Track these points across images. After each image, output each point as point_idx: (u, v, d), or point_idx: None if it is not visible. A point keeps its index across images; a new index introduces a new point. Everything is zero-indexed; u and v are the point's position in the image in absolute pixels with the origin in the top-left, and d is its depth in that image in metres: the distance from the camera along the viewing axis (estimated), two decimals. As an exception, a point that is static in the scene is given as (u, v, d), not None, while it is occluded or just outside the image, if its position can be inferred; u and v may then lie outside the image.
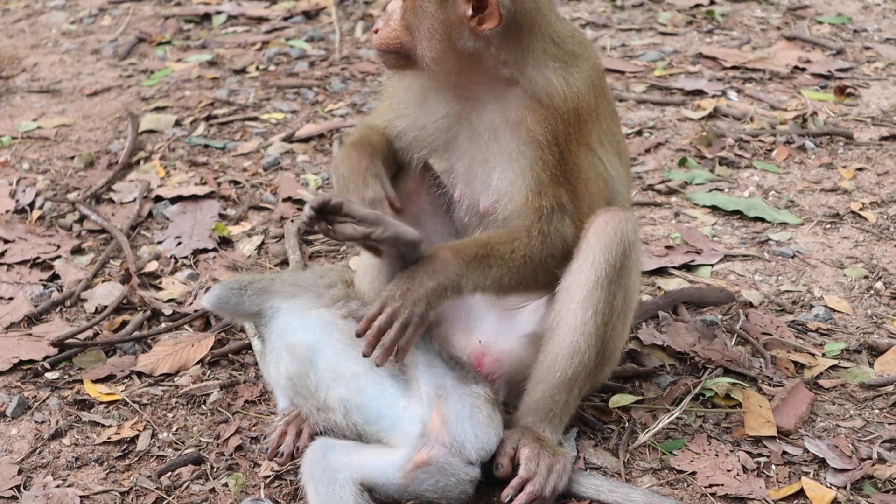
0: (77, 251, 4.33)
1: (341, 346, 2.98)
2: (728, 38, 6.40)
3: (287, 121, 5.46)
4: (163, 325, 3.81)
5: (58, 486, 3.03)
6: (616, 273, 2.89)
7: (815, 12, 6.77)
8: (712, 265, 4.11)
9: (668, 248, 4.20)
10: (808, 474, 3.00)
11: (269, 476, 3.04)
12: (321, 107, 5.62)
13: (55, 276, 4.16)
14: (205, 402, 3.39)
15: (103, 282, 4.07)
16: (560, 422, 3.03)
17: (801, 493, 2.93)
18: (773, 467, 3.04)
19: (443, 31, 2.87)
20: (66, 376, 3.54)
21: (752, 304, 3.83)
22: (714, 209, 4.51)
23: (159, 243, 4.36)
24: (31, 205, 4.69)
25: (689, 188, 4.69)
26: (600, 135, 3.03)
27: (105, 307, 3.91)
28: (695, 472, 3.01)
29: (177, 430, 3.28)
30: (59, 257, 4.26)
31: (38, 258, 4.26)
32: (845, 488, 2.94)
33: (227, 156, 5.11)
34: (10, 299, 4.00)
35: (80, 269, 4.18)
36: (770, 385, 3.38)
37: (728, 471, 3.01)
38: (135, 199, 4.68)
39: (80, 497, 2.99)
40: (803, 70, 5.89)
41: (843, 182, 4.69)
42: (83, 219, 4.57)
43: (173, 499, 2.98)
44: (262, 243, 4.34)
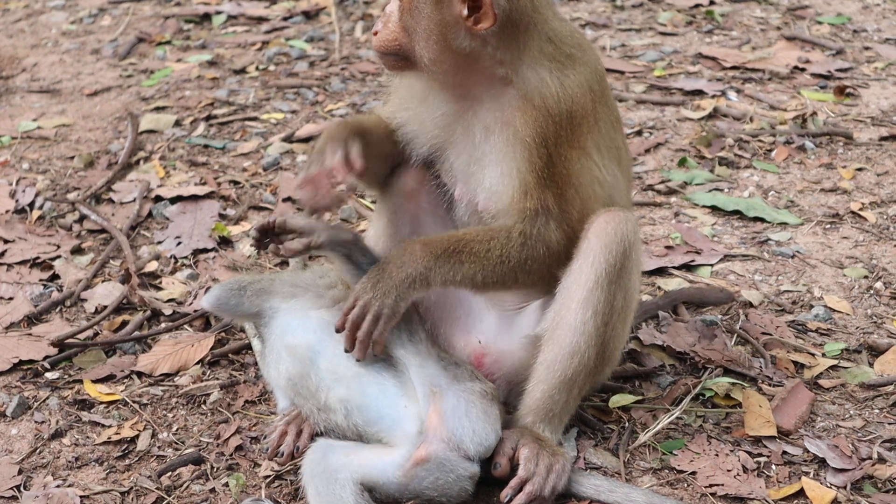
0: (77, 251, 4.33)
1: (342, 346, 2.97)
2: (728, 39, 6.40)
3: (287, 121, 5.46)
4: (163, 325, 3.81)
5: (58, 486, 3.03)
6: (616, 273, 2.89)
7: (814, 12, 6.77)
8: (712, 265, 4.11)
9: (668, 248, 4.20)
10: (808, 474, 3.00)
11: (270, 476, 3.04)
12: (321, 107, 5.62)
13: (55, 276, 4.16)
14: (205, 402, 3.39)
15: (103, 282, 4.07)
16: (560, 422, 3.03)
17: (801, 493, 2.93)
18: (773, 467, 3.04)
19: (439, 31, 2.87)
20: (66, 376, 3.54)
21: (751, 304, 3.83)
22: (714, 209, 4.51)
23: (159, 243, 4.36)
24: (31, 205, 4.69)
25: (688, 188, 4.68)
26: (598, 140, 3.02)
27: (105, 307, 3.91)
28: (695, 472, 3.01)
29: (177, 430, 3.27)
30: (58, 257, 4.26)
31: (37, 258, 4.26)
32: (845, 488, 2.94)
33: (226, 156, 5.10)
34: (10, 299, 4.00)
35: (80, 269, 4.17)
36: (770, 385, 3.38)
37: (728, 471, 3.01)
38: (135, 199, 4.68)
39: (80, 497, 2.98)
40: (803, 70, 5.89)
41: (843, 182, 4.69)
42: (83, 219, 4.57)
43: (173, 499, 2.98)
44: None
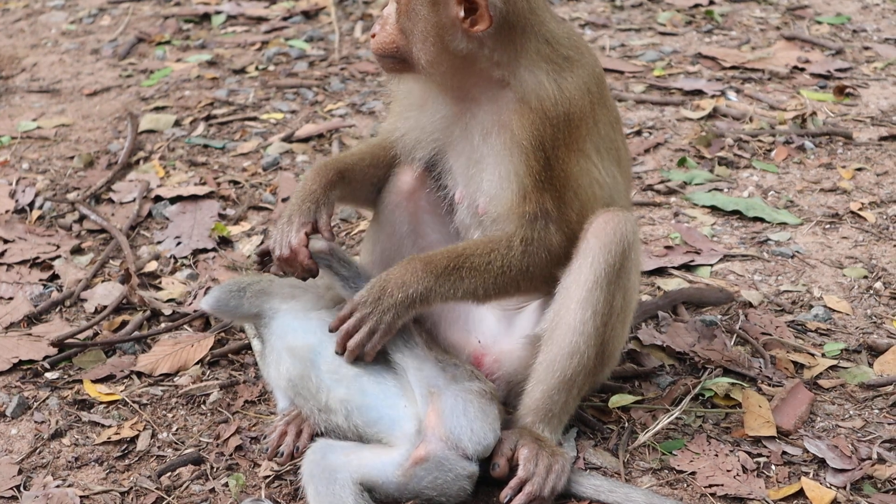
0: (77, 251, 4.33)
1: (341, 347, 2.98)
2: (727, 38, 6.40)
3: (286, 121, 5.46)
4: (162, 325, 3.81)
5: (58, 486, 3.03)
6: (615, 273, 2.89)
7: (814, 12, 6.77)
8: (711, 265, 4.11)
9: (668, 248, 4.20)
10: (807, 474, 3.00)
11: (269, 476, 3.04)
12: (320, 107, 5.62)
13: (55, 276, 4.16)
14: (204, 402, 3.39)
15: (103, 282, 4.07)
16: (559, 422, 3.03)
17: (800, 494, 2.93)
18: (773, 467, 3.04)
19: (436, 33, 2.87)
20: (65, 376, 3.54)
21: (751, 304, 3.83)
22: (713, 209, 4.51)
23: (159, 243, 4.36)
24: (31, 205, 4.69)
25: (688, 188, 4.68)
26: (597, 141, 3.02)
27: (105, 307, 3.91)
28: (694, 473, 3.01)
29: (177, 430, 3.27)
30: (58, 257, 4.26)
31: (37, 258, 4.26)
32: (845, 488, 2.94)
33: (226, 156, 5.10)
34: (10, 299, 4.00)
35: (80, 269, 4.17)
36: (769, 385, 3.38)
37: (728, 471, 3.01)
38: (134, 199, 4.68)
39: (80, 497, 2.99)
40: (802, 70, 5.89)
41: (843, 182, 4.69)
42: (83, 219, 4.57)
43: (173, 499, 2.98)
44: (262, 243, 4.33)
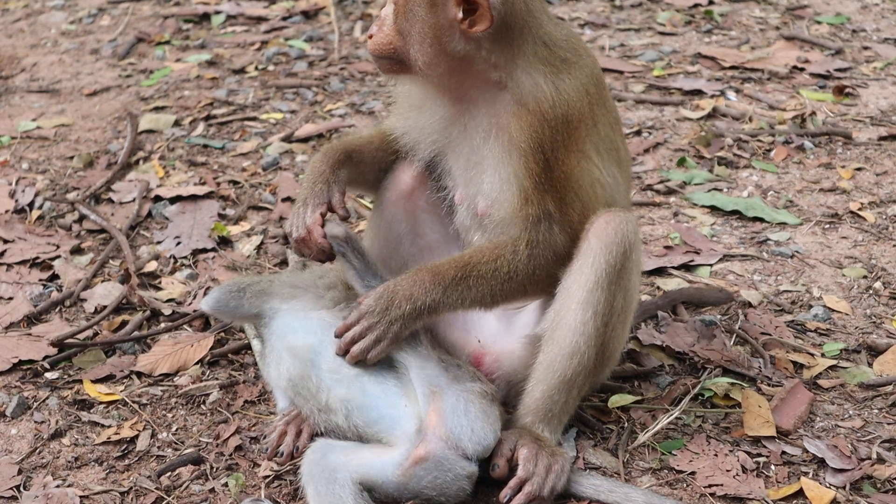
0: (76, 251, 4.33)
1: (341, 347, 2.98)
2: (727, 38, 6.40)
3: (286, 121, 5.46)
4: (162, 325, 3.81)
5: (57, 486, 3.03)
6: (616, 274, 2.89)
7: (813, 12, 6.77)
8: (711, 265, 4.11)
9: (667, 248, 4.20)
10: (807, 474, 3.00)
11: (269, 476, 3.04)
12: (320, 107, 5.62)
13: (55, 276, 4.16)
14: (204, 402, 3.39)
15: (103, 282, 4.07)
16: (559, 422, 3.03)
17: (800, 493, 2.93)
18: (773, 467, 3.05)
19: (433, 34, 2.87)
20: (65, 376, 3.54)
21: (751, 304, 3.84)
22: (713, 209, 4.51)
23: (158, 243, 4.36)
24: (31, 205, 4.69)
25: (687, 188, 4.69)
26: (597, 142, 3.01)
27: (104, 307, 3.91)
28: (694, 472, 3.02)
29: (176, 430, 3.28)
30: (58, 257, 4.26)
31: (37, 258, 4.26)
32: (844, 488, 2.95)
33: (226, 156, 5.10)
34: (10, 299, 4.00)
35: (80, 269, 4.17)
36: (769, 385, 3.38)
37: (727, 471, 3.01)
38: (134, 199, 4.68)
39: (80, 497, 2.99)
40: (802, 70, 5.89)
41: (842, 182, 4.69)
42: (82, 219, 4.57)
43: (173, 499, 2.98)
44: (262, 243, 4.34)
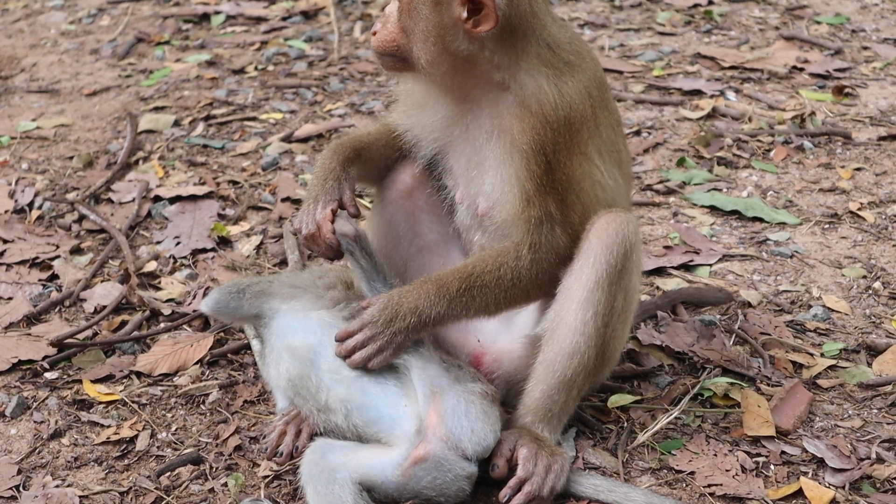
0: (76, 251, 4.33)
1: (341, 347, 2.98)
2: (726, 38, 6.40)
3: (286, 121, 5.46)
4: (162, 325, 3.81)
5: (57, 486, 3.03)
6: (617, 274, 2.89)
7: (813, 12, 6.77)
8: (711, 265, 4.11)
9: (667, 248, 4.20)
10: (806, 474, 3.00)
11: (269, 476, 3.04)
12: (320, 107, 5.62)
13: (54, 276, 4.16)
14: (204, 402, 3.39)
15: (102, 282, 4.07)
16: (559, 422, 3.03)
17: (799, 493, 2.93)
18: (772, 467, 3.05)
19: (437, 33, 2.86)
20: (65, 376, 3.54)
21: (750, 304, 3.84)
22: (712, 209, 4.51)
23: (158, 243, 4.36)
24: (30, 205, 4.69)
25: (687, 188, 4.69)
26: (599, 145, 3.01)
27: (104, 307, 3.91)
28: (693, 472, 3.02)
29: (176, 430, 3.28)
30: (58, 257, 4.26)
31: (37, 258, 4.26)
32: (844, 488, 2.95)
33: (225, 156, 5.10)
34: (10, 299, 4.00)
35: (79, 269, 4.17)
36: (769, 385, 3.38)
37: (727, 471, 3.01)
38: (134, 199, 4.67)
39: (80, 497, 2.99)
40: (801, 70, 5.89)
41: (842, 182, 4.70)
42: (82, 219, 4.57)
43: (172, 499, 2.98)
44: (261, 243, 4.34)
